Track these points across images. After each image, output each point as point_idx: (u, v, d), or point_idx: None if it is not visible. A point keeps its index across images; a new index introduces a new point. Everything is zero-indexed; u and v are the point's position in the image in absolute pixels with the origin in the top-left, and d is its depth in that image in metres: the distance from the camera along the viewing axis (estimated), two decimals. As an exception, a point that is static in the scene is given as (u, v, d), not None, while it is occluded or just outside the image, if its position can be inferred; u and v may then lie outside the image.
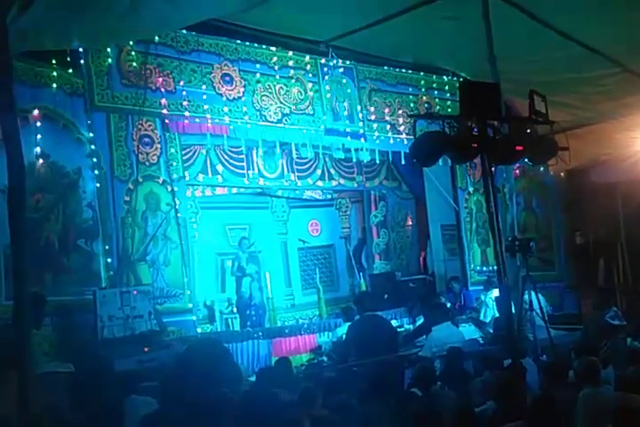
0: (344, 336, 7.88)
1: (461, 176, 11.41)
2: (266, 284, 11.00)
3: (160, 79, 8.04)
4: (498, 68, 6.84)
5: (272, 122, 8.98)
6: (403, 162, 10.38)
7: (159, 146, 8.04)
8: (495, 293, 9.63)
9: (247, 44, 8.86)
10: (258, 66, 8.95)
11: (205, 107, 8.37)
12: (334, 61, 9.70)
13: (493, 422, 4.63)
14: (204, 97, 8.39)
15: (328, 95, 9.60)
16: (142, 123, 7.90)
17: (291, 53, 9.28)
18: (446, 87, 11.01)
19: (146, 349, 6.63)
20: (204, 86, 8.41)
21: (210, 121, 8.41)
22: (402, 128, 10.42)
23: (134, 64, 7.88)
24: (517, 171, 11.84)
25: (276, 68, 9.14)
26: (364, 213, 12.92)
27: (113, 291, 7.10)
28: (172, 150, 8.18)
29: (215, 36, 8.56)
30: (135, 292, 7.20)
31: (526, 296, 7.57)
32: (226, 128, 8.55)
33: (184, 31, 8.25)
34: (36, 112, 7.05)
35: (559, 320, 8.76)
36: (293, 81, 9.31)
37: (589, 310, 9.90)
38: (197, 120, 8.31)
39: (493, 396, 4.99)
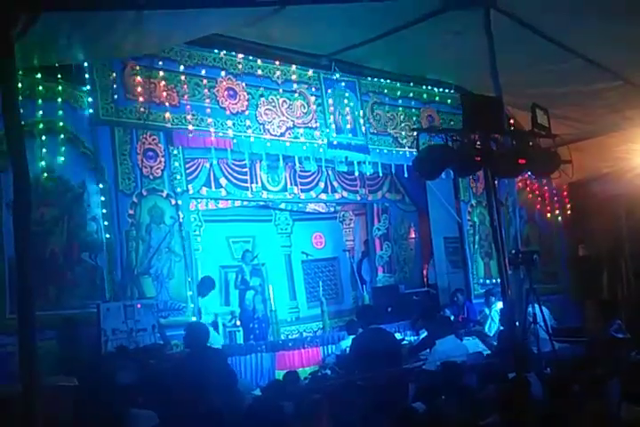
0: (348, 349, 7.87)
1: (464, 189, 11.42)
2: (269, 297, 10.99)
3: (164, 93, 8.09)
4: (500, 82, 6.87)
5: (275, 135, 9.02)
6: (406, 175, 10.41)
7: (163, 160, 8.08)
8: (500, 305, 9.61)
9: (250, 58, 8.92)
10: (261, 80, 9.01)
11: (209, 121, 8.42)
12: (337, 75, 9.76)
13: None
14: (208, 111, 8.44)
15: (331, 109, 9.64)
16: (146, 137, 7.95)
17: (294, 67, 9.33)
18: (449, 101, 11.05)
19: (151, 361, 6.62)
20: (207, 100, 8.46)
21: (213, 135, 8.45)
22: (404, 141, 10.46)
23: (139, 78, 7.93)
24: (520, 184, 11.86)
25: (280, 82, 9.20)
26: (368, 226, 12.92)
27: (117, 304, 7.10)
28: (176, 164, 8.21)
29: (219, 50, 8.63)
30: (139, 305, 7.20)
31: (530, 309, 7.56)
32: (229, 142, 8.58)
33: (188, 46, 8.31)
34: (40, 126, 7.09)
35: (563, 333, 8.72)
36: (296, 95, 9.36)
37: (593, 323, 9.87)
38: (201, 134, 8.36)
39: (497, 410, 4.97)
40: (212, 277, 9.56)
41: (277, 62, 9.16)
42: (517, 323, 6.85)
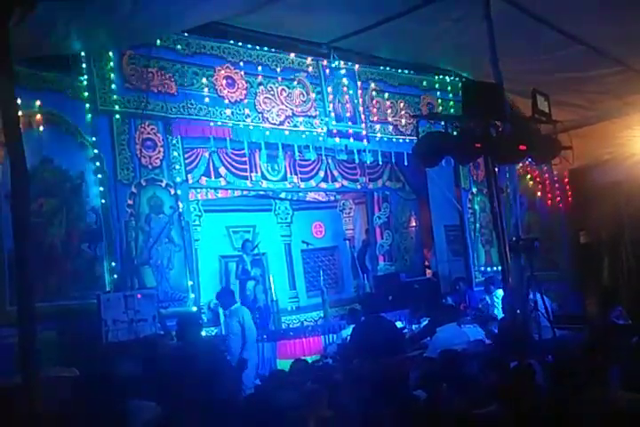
0: (349, 338, 7.87)
1: (465, 177, 11.39)
2: (270, 286, 10.99)
3: (162, 82, 8.05)
4: (500, 68, 6.82)
5: (274, 124, 8.98)
6: (406, 163, 10.39)
7: (162, 149, 8.04)
8: (500, 293, 9.62)
9: (249, 46, 8.87)
10: (260, 68, 8.95)
11: (208, 110, 8.38)
12: (336, 63, 9.70)
13: (498, 424, 4.61)
14: (207, 100, 8.40)
15: (330, 97, 9.60)
16: (145, 126, 7.91)
17: (292, 55, 9.28)
18: (449, 88, 11.01)
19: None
20: (206, 89, 8.42)
21: (212, 124, 8.42)
22: (404, 129, 10.43)
23: (136, 67, 7.88)
24: (521, 170, 11.83)
25: (278, 70, 9.15)
26: (368, 215, 12.90)
27: (117, 295, 7.09)
28: (175, 154, 8.18)
29: (217, 38, 8.58)
30: (139, 295, 7.19)
31: (531, 296, 7.55)
32: (228, 131, 8.55)
33: (185, 34, 8.26)
34: (38, 117, 7.06)
35: (564, 320, 8.73)
36: (295, 83, 9.32)
37: (594, 310, 9.88)
38: (200, 123, 8.32)
39: (499, 398, 4.97)
40: (229, 288, 9.21)
41: (276, 50, 9.10)
42: (518, 310, 6.84)
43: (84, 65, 7.51)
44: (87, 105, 7.51)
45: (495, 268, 10.81)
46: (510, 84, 7.58)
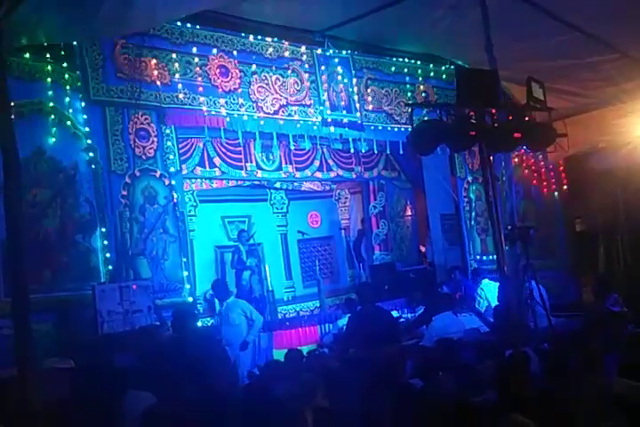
0: (345, 328, 7.88)
1: (460, 165, 11.37)
2: (266, 276, 10.99)
3: (155, 72, 7.98)
4: (495, 56, 6.79)
5: (269, 113, 8.93)
6: (401, 152, 10.36)
7: (156, 139, 7.99)
8: (486, 282, 9.64)
9: (243, 35, 8.80)
10: (254, 57, 8.89)
11: (202, 99, 8.33)
12: (330, 51, 9.65)
13: (494, 412, 4.61)
14: (200, 89, 8.34)
15: (325, 86, 9.55)
16: (138, 116, 7.86)
17: (286, 44, 9.21)
18: (444, 76, 10.95)
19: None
20: (199, 78, 8.36)
21: (206, 113, 8.36)
22: (399, 118, 10.38)
23: (129, 57, 7.81)
24: (516, 159, 11.82)
25: (272, 59, 9.09)
26: (364, 204, 12.90)
27: (112, 286, 7.08)
28: (169, 144, 8.13)
29: (210, 27, 8.50)
30: (134, 286, 7.18)
31: (526, 284, 7.55)
32: (222, 120, 8.50)
33: (179, 23, 8.19)
34: (30, 107, 7.02)
35: (560, 308, 8.74)
36: (289, 72, 9.26)
37: (590, 298, 9.88)
38: (194, 113, 8.27)
39: (494, 386, 4.97)
40: (223, 280, 9.12)
41: (270, 39, 9.04)
42: (514, 299, 6.85)
43: (76, 54, 7.44)
44: (80, 95, 7.46)
45: (491, 256, 10.81)
46: (505, 71, 7.55)
